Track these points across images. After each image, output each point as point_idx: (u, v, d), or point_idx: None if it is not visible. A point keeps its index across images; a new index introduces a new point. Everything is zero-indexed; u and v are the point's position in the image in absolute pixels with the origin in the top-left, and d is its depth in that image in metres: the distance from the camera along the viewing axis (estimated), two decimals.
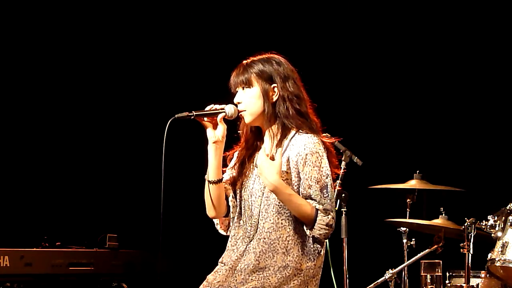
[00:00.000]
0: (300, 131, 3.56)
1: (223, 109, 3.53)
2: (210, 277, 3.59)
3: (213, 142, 3.54)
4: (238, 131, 3.69)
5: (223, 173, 3.64)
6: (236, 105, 3.58)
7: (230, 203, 3.65)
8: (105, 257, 5.30)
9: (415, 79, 6.48)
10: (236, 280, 3.50)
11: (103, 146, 6.48)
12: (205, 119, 3.53)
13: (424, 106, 6.45)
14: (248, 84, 3.57)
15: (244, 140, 3.68)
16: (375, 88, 6.56)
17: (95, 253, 5.28)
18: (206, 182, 3.59)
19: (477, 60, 6.31)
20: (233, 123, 3.62)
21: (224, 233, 3.70)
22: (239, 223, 3.62)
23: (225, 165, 3.66)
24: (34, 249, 5.12)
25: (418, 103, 6.45)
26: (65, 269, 5.12)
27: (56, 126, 6.39)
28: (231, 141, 3.65)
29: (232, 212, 3.65)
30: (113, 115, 6.52)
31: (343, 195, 4.37)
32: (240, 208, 3.62)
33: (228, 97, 3.62)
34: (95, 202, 6.36)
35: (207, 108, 3.54)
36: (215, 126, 3.54)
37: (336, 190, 4.32)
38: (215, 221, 3.70)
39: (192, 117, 3.49)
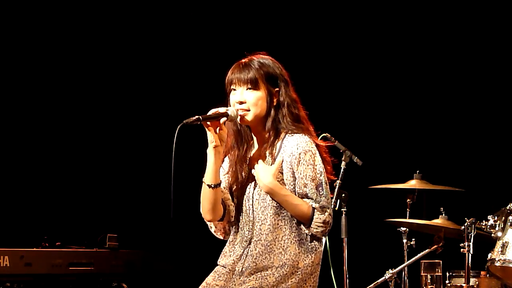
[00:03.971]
0: (291, 132, 3.56)
1: (226, 112, 3.50)
2: (209, 278, 3.59)
3: (214, 147, 3.51)
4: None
5: None
6: (240, 103, 3.55)
7: (230, 207, 3.64)
8: (105, 257, 5.29)
9: (415, 79, 6.48)
10: (235, 284, 3.51)
11: (103, 147, 6.48)
12: (208, 123, 3.50)
13: (423, 106, 6.45)
14: (255, 85, 3.54)
15: (233, 143, 3.64)
16: (375, 89, 6.56)
17: (95, 253, 5.27)
18: (204, 186, 3.56)
19: (477, 60, 6.31)
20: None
21: (221, 238, 3.68)
22: (237, 229, 3.61)
23: None
24: (34, 249, 5.12)
25: (417, 103, 6.46)
26: (65, 269, 5.12)
27: (57, 126, 6.39)
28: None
29: (231, 216, 3.64)
30: (112, 115, 6.52)
31: (343, 195, 4.37)
32: (238, 213, 3.62)
33: (221, 97, 3.60)
34: (95, 202, 6.36)
35: (211, 112, 3.50)
36: (215, 130, 3.51)
37: (336, 189, 4.32)
38: (209, 224, 3.68)
39: (200, 121, 3.43)
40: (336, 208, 4.28)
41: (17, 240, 5.28)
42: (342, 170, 4.34)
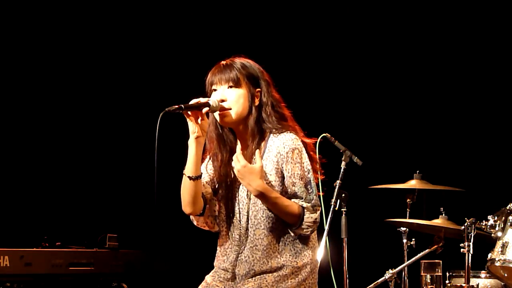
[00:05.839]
0: (276, 131, 3.54)
1: (207, 102, 3.49)
2: (209, 278, 3.59)
3: (196, 138, 3.48)
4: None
5: None
6: (221, 101, 3.53)
7: (212, 202, 3.60)
8: (105, 257, 5.30)
9: (415, 79, 6.48)
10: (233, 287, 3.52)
11: (103, 146, 6.48)
12: (189, 112, 3.48)
13: (423, 106, 6.45)
14: (236, 83, 3.54)
15: (216, 148, 3.61)
16: (375, 89, 6.57)
17: (95, 253, 5.28)
18: (185, 178, 3.52)
19: (477, 60, 6.31)
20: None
21: (206, 229, 3.65)
22: (227, 231, 3.59)
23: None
24: (34, 249, 5.12)
25: (417, 103, 6.46)
26: (65, 269, 5.12)
27: (56, 126, 6.39)
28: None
29: (214, 211, 3.61)
30: (112, 116, 6.52)
31: (343, 195, 4.36)
32: (227, 217, 3.59)
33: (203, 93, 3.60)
34: (95, 202, 6.36)
35: (193, 101, 3.49)
36: (197, 120, 3.48)
37: (336, 189, 4.31)
38: (191, 218, 3.64)
39: (181, 110, 3.43)
40: (336, 208, 4.27)
41: (17, 240, 5.28)
42: (342, 170, 4.33)
